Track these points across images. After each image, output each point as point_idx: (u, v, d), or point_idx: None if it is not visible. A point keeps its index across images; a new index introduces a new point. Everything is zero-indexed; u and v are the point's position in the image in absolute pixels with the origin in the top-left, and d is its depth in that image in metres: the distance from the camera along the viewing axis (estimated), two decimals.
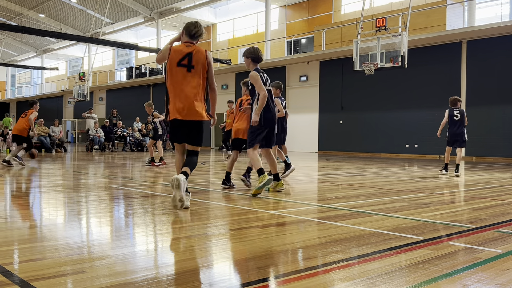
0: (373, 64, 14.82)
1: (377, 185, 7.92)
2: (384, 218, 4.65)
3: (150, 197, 6.09)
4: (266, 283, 2.62)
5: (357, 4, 24.25)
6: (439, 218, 4.68)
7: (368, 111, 20.72)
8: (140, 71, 33.01)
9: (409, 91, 19.40)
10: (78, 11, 35.51)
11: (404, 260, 3.09)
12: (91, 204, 5.56)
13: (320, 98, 22.70)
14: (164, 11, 31.76)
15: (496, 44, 17.15)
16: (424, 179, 9.25)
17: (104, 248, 3.39)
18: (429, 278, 2.68)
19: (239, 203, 5.77)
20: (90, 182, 8.09)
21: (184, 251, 3.32)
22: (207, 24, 33.07)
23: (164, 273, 2.76)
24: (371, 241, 3.60)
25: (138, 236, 3.90)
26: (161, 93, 31.49)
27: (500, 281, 2.66)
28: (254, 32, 30.42)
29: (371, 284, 2.56)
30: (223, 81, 27.67)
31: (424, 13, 18.88)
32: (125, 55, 42.63)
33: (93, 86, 35.57)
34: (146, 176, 9.36)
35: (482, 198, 6.61)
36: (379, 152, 20.29)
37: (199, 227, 4.11)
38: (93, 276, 2.63)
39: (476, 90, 17.56)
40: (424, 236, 3.81)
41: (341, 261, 3.02)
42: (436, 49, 18.61)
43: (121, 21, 35.08)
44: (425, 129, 18.87)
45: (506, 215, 4.98)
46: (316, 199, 6.29)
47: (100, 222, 4.49)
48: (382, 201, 5.85)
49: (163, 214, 4.83)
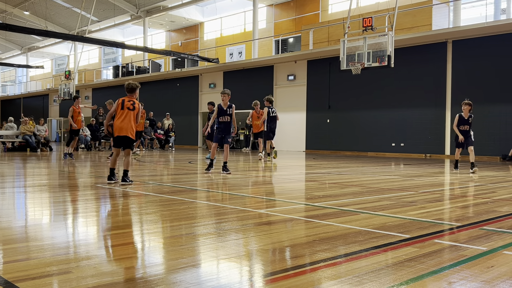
0: (360, 63, 14.88)
1: (364, 184, 7.97)
2: (370, 216, 4.68)
3: (136, 197, 6.06)
4: (254, 282, 2.63)
5: (344, 4, 24.35)
6: (425, 216, 4.72)
7: (355, 110, 20.84)
8: (126, 69, 32.78)
9: (396, 90, 19.55)
10: (64, 9, 35.13)
11: (390, 258, 3.11)
12: (77, 203, 5.51)
13: (307, 97, 22.76)
14: (151, 9, 31.58)
15: (481, 44, 17.35)
16: (410, 177, 9.33)
17: (90, 248, 3.36)
18: (415, 276, 2.70)
19: (226, 202, 5.76)
20: (76, 182, 8.02)
21: (171, 250, 3.30)
22: (194, 23, 32.96)
23: (151, 273, 2.75)
24: (358, 239, 3.62)
25: (125, 236, 3.87)
26: (148, 92, 31.34)
27: (485, 278, 2.69)
28: (241, 31, 30.38)
29: (358, 282, 2.57)
30: (211, 80, 27.61)
31: (410, 13, 19.03)
32: (112, 53, 42.30)
33: (79, 85, 35.22)
34: (133, 176, 9.31)
35: (467, 196, 6.69)
36: (365, 151, 20.41)
37: (186, 227, 4.10)
38: (79, 276, 2.61)
39: (461, 90, 17.74)
40: (410, 234, 3.84)
41: (328, 259, 3.04)
42: (422, 48, 18.77)
43: (107, 19, 34.78)
44: (411, 128, 19.04)
45: (490, 213, 5.05)
46: (304, 198, 6.31)
47: (86, 221, 4.45)
48: (369, 200, 5.89)
49: (149, 213, 4.81)
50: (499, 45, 16.88)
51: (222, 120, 9.62)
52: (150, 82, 31.26)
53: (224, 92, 9.59)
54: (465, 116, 10.49)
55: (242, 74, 25.70)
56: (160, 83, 30.49)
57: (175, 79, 29.59)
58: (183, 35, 34.17)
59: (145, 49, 27.03)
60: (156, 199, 5.77)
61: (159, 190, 6.71)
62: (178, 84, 29.51)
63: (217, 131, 9.75)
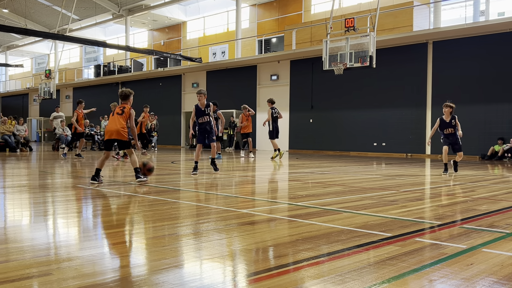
0: (343, 63, 14.97)
1: (346, 183, 8.03)
2: (353, 215, 4.72)
3: (118, 197, 6.00)
4: (237, 282, 2.63)
5: (326, 4, 24.48)
6: (406, 215, 4.78)
7: (337, 110, 20.97)
8: (108, 68, 32.44)
9: (377, 90, 19.73)
10: (44, 7, 34.60)
11: (372, 256, 3.14)
12: (58, 204, 5.44)
13: (290, 97, 22.83)
14: (133, 8, 31.31)
15: (461, 45, 17.62)
16: (391, 177, 9.43)
17: (71, 249, 3.32)
18: (397, 274, 2.73)
19: (210, 202, 5.75)
20: (57, 182, 7.91)
21: (154, 251, 3.28)
22: (177, 22, 32.78)
23: (134, 274, 2.73)
24: (341, 238, 3.65)
25: (107, 236, 3.83)
26: None
27: (465, 275, 2.73)
28: (224, 30, 30.32)
29: (341, 281, 2.59)
30: (194, 79, 27.51)
31: (392, 14, 19.23)
32: (93, 52, 41.82)
33: (59, 84, 34.73)
34: (115, 176, 9.22)
35: (447, 195, 6.79)
36: (348, 150, 20.56)
37: (169, 227, 4.08)
38: (60, 278, 2.58)
39: (441, 90, 18.00)
40: (392, 232, 3.88)
41: (311, 258, 3.05)
42: (403, 49, 18.99)
43: (88, 18, 34.36)
44: (393, 128, 19.24)
45: (470, 211, 5.13)
46: (287, 197, 6.33)
47: (67, 222, 4.39)
48: (351, 199, 5.93)
49: (132, 214, 4.77)
50: (478, 46, 17.17)
51: (201, 121, 9.57)
52: (132, 82, 30.99)
53: (200, 92, 9.46)
54: (447, 119, 10.04)
55: (225, 74, 25.66)
56: (142, 83, 30.26)
57: (158, 78, 29.40)
58: (165, 34, 33.97)
59: (127, 48, 26.78)
60: (138, 200, 5.73)
61: (141, 190, 6.66)
62: (160, 83, 29.33)
63: (198, 132, 9.70)
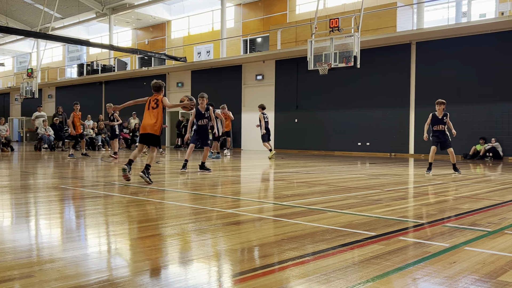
0: (327, 64, 15.04)
1: (331, 183, 8.07)
2: (338, 214, 4.75)
3: (102, 198, 5.94)
4: (222, 282, 2.62)
5: (311, 5, 24.58)
6: (390, 214, 4.82)
7: (322, 110, 21.07)
8: (91, 67, 32.09)
9: (362, 90, 19.88)
10: (26, 5, 34.09)
11: (357, 255, 3.16)
12: (40, 205, 5.36)
13: (275, 97, 22.86)
14: (116, 7, 31.03)
15: (443, 46, 17.85)
16: (375, 176, 9.50)
17: (54, 250, 3.27)
18: (381, 273, 2.75)
19: (195, 202, 5.73)
20: (39, 183, 7.80)
21: (138, 252, 3.26)
22: (161, 21, 32.58)
23: (117, 275, 2.70)
24: (326, 237, 3.66)
25: (90, 237, 3.79)
26: (114, 90, 30.80)
27: (448, 273, 2.77)
28: (209, 30, 30.23)
29: (326, 280, 2.60)
30: (178, 79, 27.38)
31: (376, 15, 19.38)
32: (76, 51, 41.34)
33: (42, 83, 34.26)
34: (98, 176, 9.13)
35: (430, 194, 6.86)
36: (332, 150, 20.67)
37: (153, 228, 4.05)
38: (42, 280, 2.54)
39: (424, 90, 18.21)
40: (376, 231, 3.91)
41: (297, 258, 3.06)
42: (387, 50, 19.15)
43: (71, 16, 33.95)
44: (377, 128, 19.40)
45: (452, 210, 5.20)
46: (272, 197, 6.34)
47: (50, 223, 4.33)
48: (336, 198, 5.97)
49: (116, 214, 4.73)
50: (460, 47, 17.40)
51: (200, 123, 9.91)
52: (116, 81, 30.74)
53: (202, 96, 9.88)
54: (439, 116, 10.06)
55: (210, 74, 25.59)
56: (126, 82, 30.03)
57: (142, 77, 29.18)
58: (150, 33, 33.75)
59: (111, 47, 26.53)
60: (122, 200, 5.68)
61: (126, 191, 6.61)
62: (144, 83, 29.10)
63: (194, 133, 10.01)
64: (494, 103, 16.70)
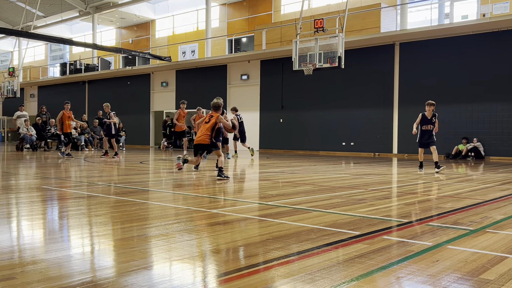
0: (312, 64, 15.09)
1: (316, 182, 8.11)
2: (322, 214, 4.77)
3: (85, 198, 5.88)
4: (207, 283, 2.61)
5: (296, 5, 24.63)
6: (374, 213, 4.86)
7: (307, 110, 21.16)
8: (74, 66, 31.73)
9: (346, 91, 20.01)
10: (7, 3, 33.56)
11: (341, 255, 3.18)
12: (22, 206, 5.28)
13: (261, 96, 22.88)
14: (100, 5, 30.72)
15: (426, 47, 18.07)
16: (360, 176, 9.57)
17: (36, 252, 3.23)
18: (365, 272, 2.77)
19: (179, 203, 5.70)
20: (21, 183, 7.69)
21: (122, 253, 3.23)
22: (145, 20, 32.36)
23: (101, 276, 2.67)
24: (310, 237, 3.68)
25: (73, 238, 3.75)
26: (97, 89, 30.50)
27: (431, 272, 2.80)
28: (194, 29, 30.11)
29: (310, 280, 2.61)
30: (163, 78, 27.22)
31: (360, 16, 19.52)
32: (59, 50, 40.83)
33: (23, 82, 33.78)
34: (81, 176, 9.03)
35: (414, 193, 6.94)
36: (317, 150, 20.77)
37: (138, 228, 4.02)
38: (24, 282, 2.50)
39: (407, 91, 18.41)
40: (360, 231, 3.94)
41: (282, 257, 3.07)
42: (371, 50, 19.31)
43: (54, 15, 33.53)
44: (361, 128, 19.55)
45: (435, 209, 5.26)
46: (257, 197, 6.34)
47: (32, 225, 4.27)
48: (321, 198, 5.99)
49: (99, 215, 4.68)
50: (443, 48, 17.63)
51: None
52: (99, 80, 30.46)
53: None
54: (428, 116, 10.48)
55: (195, 73, 25.50)
56: (110, 81, 29.76)
57: (126, 77, 28.96)
58: (134, 33, 33.49)
59: (94, 46, 26.28)
60: (106, 201, 5.63)
61: (109, 191, 6.55)
62: (129, 82, 28.90)
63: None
64: (476, 103, 16.96)
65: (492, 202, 5.80)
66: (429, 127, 10.49)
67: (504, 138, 16.39)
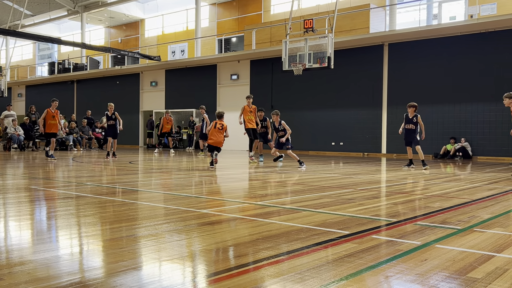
0: (302, 64, 15.12)
1: (305, 182, 8.13)
2: (312, 214, 4.78)
3: (74, 198, 5.84)
4: (197, 283, 2.61)
5: (286, 5, 24.67)
6: (363, 212, 4.89)
7: (296, 110, 21.19)
8: (63, 66, 31.46)
9: (335, 91, 20.08)
10: None
11: (331, 254, 3.19)
12: (10, 206, 5.23)
13: None
14: (89, 4, 30.50)
15: (415, 47, 18.20)
16: (349, 175, 9.62)
17: (24, 253, 3.20)
18: (355, 271, 2.79)
19: (169, 203, 5.68)
20: (8, 183, 7.61)
21: (111, 253, 3.21)
22: (135, 19, 32.20)
23: (90, 277, 2.66)
24: (300, 236, 3.69)
25: (62, 239, 3.72)
26: (86, 89, 30.27)
27: (419, 271, 2.82)
28: (184, 29, 30.02)
29: (300, 279, 2.62)
30: (152, 78, 27.10)
31: (349, 16, 19.60)
32: (47, 49, 40.47)
33: (11, 82, 33.41)
34: (70, 177, 8.97)
35: (402, 193, 6.98)
36: (307, 149, 20.81)
37: (127, 228, 4.00)
38: (12, 283, 2.48)
39: (396, 91, 18.53)
40: (350, 230, 3.96)
41: (271, 257, 3.07)
42: (360, 51, 19.40)
43: (42, 14, 33.21)
44: (350, 128, 19.63)
45: (423, 208, 5.30)
46: (247, 197, 6.34)
47: (19, 225, 4.23)
48: (310, 197, 6.01)
49: (88, 215, 4.65)
50: (431, 48, 17.77)
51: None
52: (88, 80, 30.23)
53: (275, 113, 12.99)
54: (410, 116, 11.55)
55: (184, 73, 25.42)
56: (99, 81, 29.55)
57: (115, 76, 28.78)
58: (123, 32, 33.30)
59: (83, 45, 26.09)
60: (94, 201, 5.59)
61: (98, 191, 6.51)
62: (118, 82, 28.72)
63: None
64: (464, 104, 17.12)
65: (480, 202, 5.86)
66: (411, 126, 11.56)
67: (492, 138, 16.56)
